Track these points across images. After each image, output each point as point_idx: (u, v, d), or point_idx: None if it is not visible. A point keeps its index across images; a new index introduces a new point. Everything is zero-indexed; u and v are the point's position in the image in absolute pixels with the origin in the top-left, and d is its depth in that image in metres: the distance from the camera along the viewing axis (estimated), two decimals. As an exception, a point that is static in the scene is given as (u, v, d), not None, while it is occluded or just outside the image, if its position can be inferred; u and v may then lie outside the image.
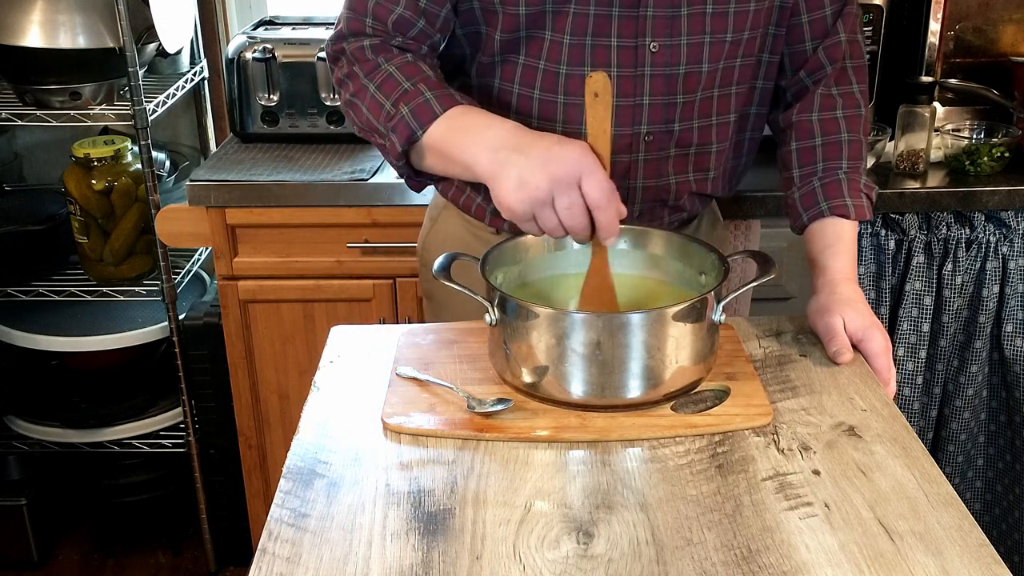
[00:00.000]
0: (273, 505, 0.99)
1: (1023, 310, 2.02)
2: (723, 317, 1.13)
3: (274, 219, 2.04)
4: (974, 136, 2.10)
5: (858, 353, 1.24)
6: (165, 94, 2.22)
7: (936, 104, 2.10)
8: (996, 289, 2.00)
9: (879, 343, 1.23)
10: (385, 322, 2.10)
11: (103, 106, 2.17)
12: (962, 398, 2.08)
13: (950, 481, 1.01)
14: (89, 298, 2.26)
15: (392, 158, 1.27)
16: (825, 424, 1.11)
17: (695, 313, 1.10)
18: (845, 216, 1.33)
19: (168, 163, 2.43)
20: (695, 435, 1.09)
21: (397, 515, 0.97)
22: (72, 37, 2.07)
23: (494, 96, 1.35)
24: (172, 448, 2.38)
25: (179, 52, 2.33)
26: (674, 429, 1.09)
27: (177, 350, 2.24)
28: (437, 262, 1.18)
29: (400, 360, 1.22)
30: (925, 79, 2.09)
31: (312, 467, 1.05)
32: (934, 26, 2.14)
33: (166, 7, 2.14)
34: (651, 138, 1.34)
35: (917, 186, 2.02)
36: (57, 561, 2.52)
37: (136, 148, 2.20)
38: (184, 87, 2.34)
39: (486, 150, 1.15)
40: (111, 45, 2.08)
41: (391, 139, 1.24)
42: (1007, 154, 2.05)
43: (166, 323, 2.25)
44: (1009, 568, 0.89)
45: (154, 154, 2.16)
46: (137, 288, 2.25)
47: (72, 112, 2.14)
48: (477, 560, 0.91)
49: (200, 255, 2.41)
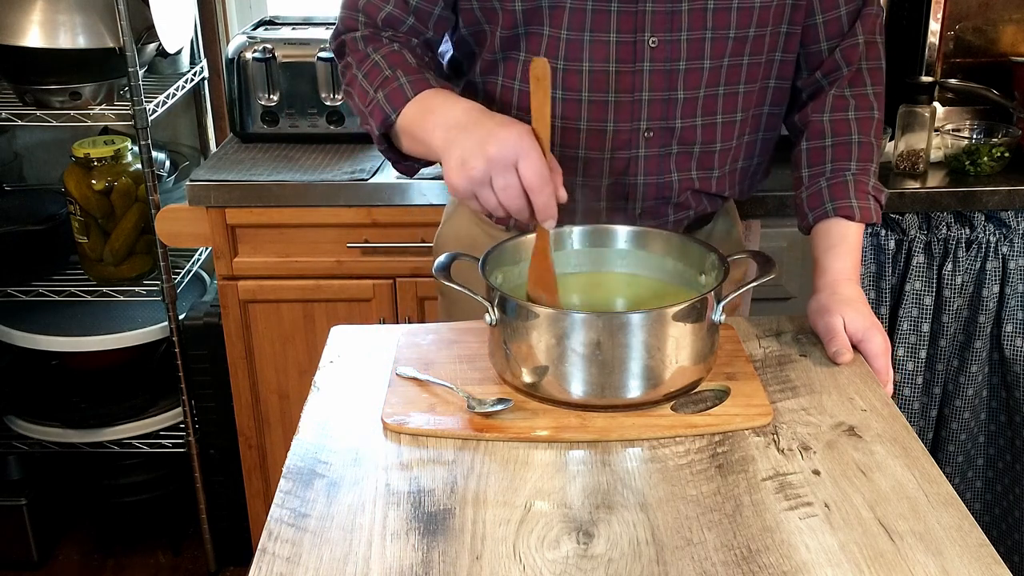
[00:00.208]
0: (273, 505, 0.99)
1: (1023, 310, 2.02)
2: (723, 317, 1.13)
3: (274, 219, 2.04)
4: (974, 136, 2.10)
5: (858, 353, 1.24)
6: (165, 94, 2.22)
7: (936, 104, 2.09)
8: (996, 289, 2.00)
9: (879, 344, 1.23)
10: (385, 322, 2.10)
11: (103, 106, 2.17)
12: (962, 398, 2.08)
13: (950, 481, 1.01)
14: (89, 298, 2.26)
15: (375, 143, 1.31)
16: (825, 424, 1.11)
17: (695, 313, 1.10)
18: (850, 218, 1.32)
19: (168, 163, 2.43)
20: (695, 435, 1.09)
21: (397, 515, 0.97)
22: (72, 37, 2.07)
23: (498, 93, 1.35)
24: (172, 448, 2.38)
25: (179, 52, 2.33)
26: (674, 429, 1.09)
27: (177, 350, 2.24)
28: (437, 262, 1.18)
29: (400, 360, 1.22)
30: (925, 79, 2.09)
31: (312, 467, 1.05)
32: (934, 26, 2.13)
33: (166, 7, 2.14)
34: (651, 134, 1.33)
35: (917, 186, 2.02)
36: (57, 561, 2.52)
37: (136, 148, 2.20)
38: (184, 87, 2.34)
39: (441, 129, 1.18)
40: (111, 45, 2.08)
41: (370, 123, 1.28)
42: (1007, 154, 2.05)
43: (166, 323, 2.25)
44: (1009, 568, 0.89)
45: (154, 154, 2.15)
46: (137, 288, 2.25)
47: (72, 112, 2.14)
48: (477, 560, 0.91)
49: (200, 255, 2.41)
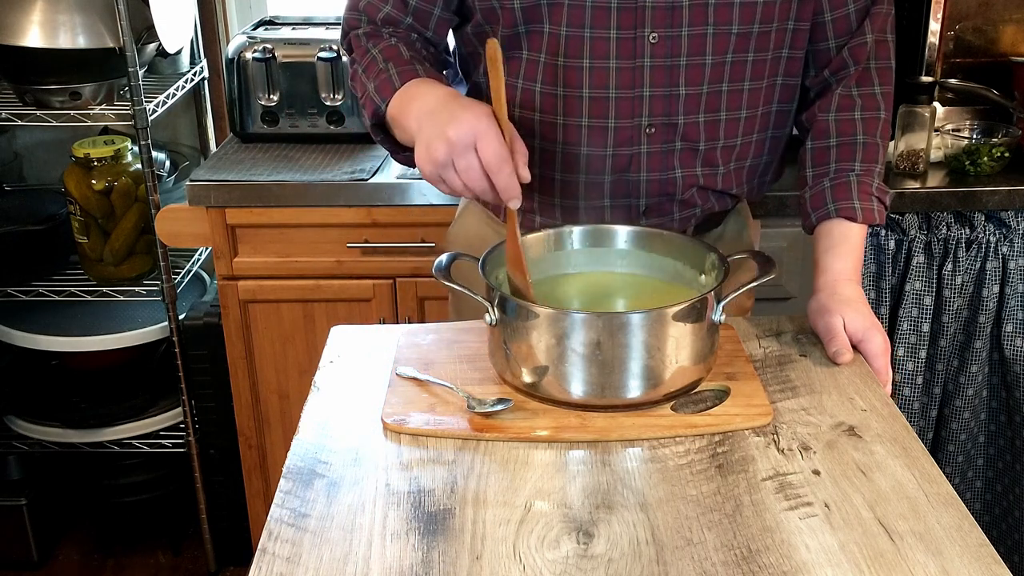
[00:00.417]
0: (273, 505, 0.99)
1: (1023, 310, 2.02)
2: (723, 317, 1.13)
3: (274, 219, 2.04)
4: (974, 136, 2.10)
5: (858, 353, 1.24)
6: (165, 94, 2.22)
7: (936, 104, 2.09)
8: (996, 289, 2.00)
9: (878, 344, 1.23)
10: (385, 322, 2.10)
11: (103, 106, 2.17)
12: (962, 398, 2.08)
13: (950, 481, 1.01)
14: (89, 298, 2.26)
15: (372, 135, 1.34)
16: (825, 424, 1.11)
17: (695, 313, 1.10)
18: (852, 219, 1.32)
19: (168, 163, 2.43)
20: (695, 435, 1.09)
21: (397, 515, 0.97)
22: (72, 37, 2.07)
23: None
24: (172, 448, 2.38)
25: (179, 52, 2.33)
26: (674, 429, 1.09)
27: (177, 350, 2.24)
28: (437, 261, 1.18)
29: (400, 360, 1.22)
30: (925, 79, 2.09)
31: (312, 467, 1.05)
32: (934, 26, 2.13)
33: (166, 7, 2.14)
34: (653, 131, 1.33)
35: (917, 186, 2.02)
36: (57, 561, 2.52)
37: (136, 148, 2.20)
38: (184, 87, 2.34)
39: (416, 116, 1.21)
40: (111, 45, 2.08)
41: (364, 115, 1.32)
42: (1007, 154, 2.05)
43: (166, 323, 2.25)
44: (1009, 568, 0.89)
45: (154, 154, 2.16)
46: (137, 288, 2.25)
47: (72, 112, 2.14)
48: (477, 560, 0.91)
49: (200, 255, 2.41)
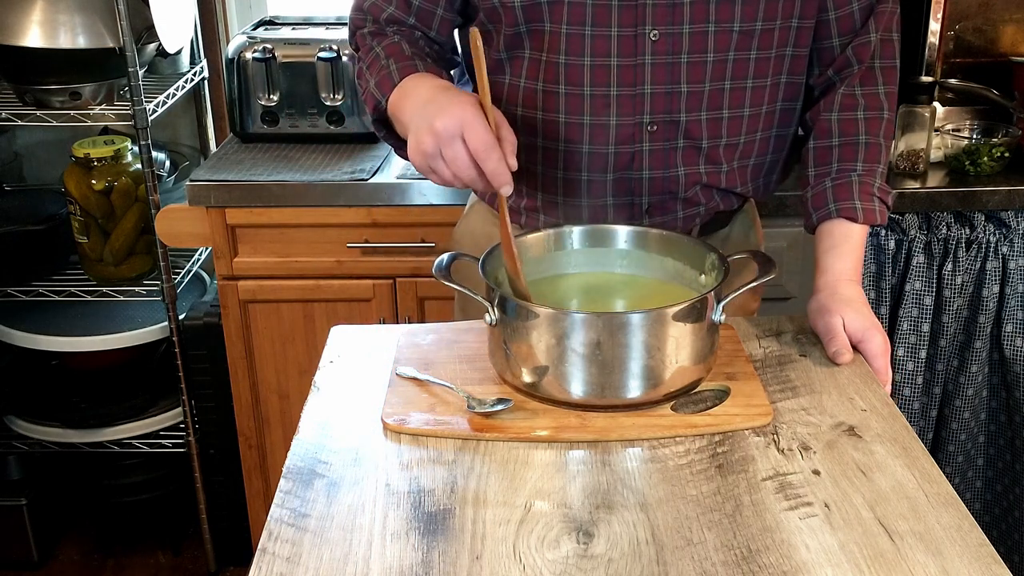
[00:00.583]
0: (273, 505, 0.99)
1: (1023, 310, 2.02)
2: (723, 317, 1.13)
3: (274, 219, 2.05)
4: (974, 136, 2.10)
5: (858, 353, 1.24)
6: (165, 94, 2.21)
7: (936, 104, 2.10)
8: (996, 289, 2.00)
9: (878, 344, 1.23)
10: (385, 322, 2.10)
11: (103, 106, 2.17)
12: (962, 398, 2.08)
13: (950, 481, 1.01)
14: (89, 298, 2.26)
15: (375, 130, 1.36)
16: (825, 424, 1.11)
17: (695, 313, 1.10)
18: (853, 219, 1.32)
19: (168, 163, 2.43)
20: (695, 435, 1.09)
21: (397, 515, 0.97)
22: (72, 37, 2.07)
23: (504, 93, 1.36)
24: (172, 448, 2.38)
25: (179, 52, 2.33)
26: (674, 429, 1.09)
27: (177, 350, 2.24)
28: (437, 261, 1.18)
29: (400, 360, 1.22)
30: (925, 79, 2.09)
31: (312, 467, 1.05)
32: (934, 26, 2.13)
33: (166, 7, 2.14)
34: (655, 128, 1.33)
35: (917, 186, 2.02)
36: (57, 561, 2.52)
37: (136, 148, 2.20)
38: (184, 87, 2.34)
39: (409, 109, 1.22)
40: (111, 45, 2.08)
41: (366, 111, 1.34)
42: (1007, 154, 2.05)
43: (166, 323, 2.25)
44: (1009, 568, 0.89)
45: (154, 154, 2.15)
46: (137, 288, 2.25)
47: (72, 112, 2.14)
48: (477, 560, 0.91)
49: (200, 255, 2.41)
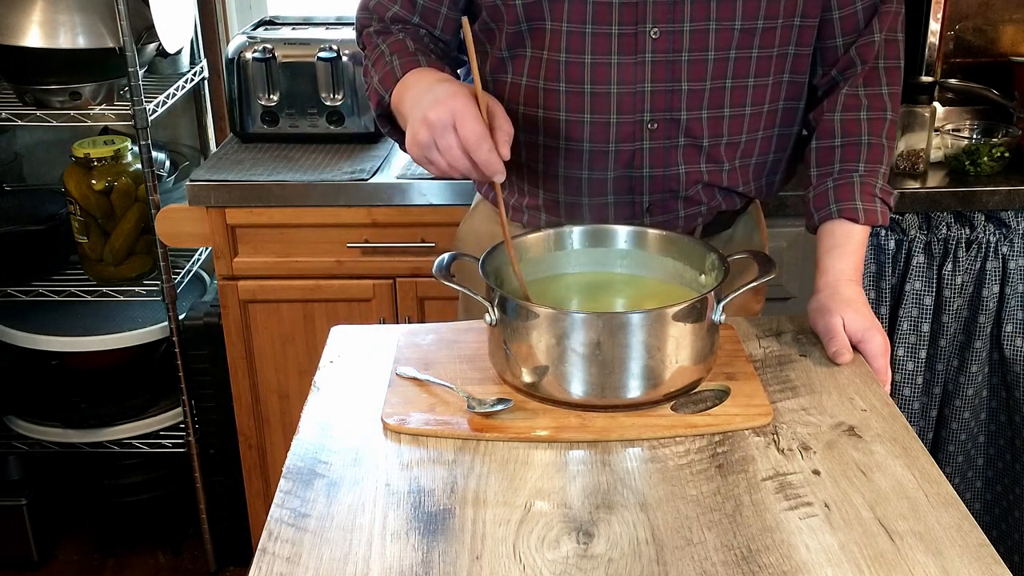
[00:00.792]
0: (273, 505, 0.99)
1: (1023, 310, 2.02)
2: (723, 317, 1.13)
3: (274, 219, 2.04)
4: (974, 136, 2.10)
5: (858, 353, 1.24)
6: (165, 94, 2.21)
7: (936, 104, 2.10)
8: (996, 289, 2.00)
9: (878, 344, 1.23)
10: (385, 322, 2.10)
11: (103, 106, 2.17)
12: (962, 398, 2.08)
13: (950, 481, 1.01)
14: (89, 298, 2.26)
15: (380, 126, 1.37)
16: (825, 424, 1.11)
17: (695, 313, 1.10)
18: (854, 220, 1.32)
19: (168, 163, 2.43)
20: (695, 435, 1.09)
21: (397, 515, 0.97)
22: (72, 37, 2.07)
23: (506, 91, 1.36)
24: (172, 448, 2.38)
25: (179, 52, 2.33)
26: (674, 429, 1.09)
27: (177, 350, 2.24)
28: (437, 261, 1.18)
29: (400, 360, 1.22)
30: (925, 79, 2.10)
31: (312, 467, 1.05)
32: (934, 26, 2.14)
33: (166, 7, 2.14)
34: (655, 126, 1.33)
35: (917, 186, 2.02)
36: (57, 561, 2.52)
37: (136, 148, 2.20)
38: (184, 87, 2.34)
39: (408, 103, 1.23)
40: (111, 45, 2.08)
41: (371, 106, 1.36)
42: (1007, 154, 2.05)
43: (166, 323, 2.25)
44: (1009, 568, 0.89)
45: (154, 154, 2.15)
46: (137, 288, 2.25)
47: (72, 112, 2.14)
48: (477, 560, 0.91)
49: (200, 255, 2.41)
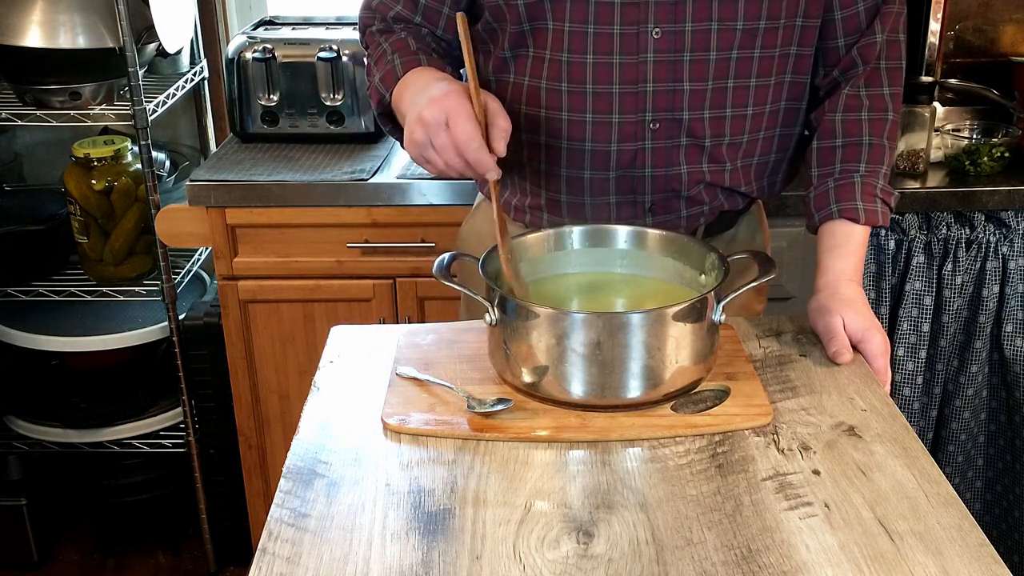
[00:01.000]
0: (273, 505, 0.99)
1: (1023, 310, 2.02)
2: (723, 317, 1.13)
3: (274, 219, 2.04)
4: (974, 136, 2.10)
5: (858, 353, 1.24)
6: (165, 94, 2.21)
7: (936, 104, 2.10)
8: (996, 289, 2.00)
9: (878, 344, 1.23)
10: (385, 322, 2.10)
11: (103, 106, 2.17)
12: (962, 398, 2.08)
13: (950, 481, 1.01)
14: (89, 298, 2.26)
15: (382, 124, 1.38)
16: (825, 424, 1.11)
17: (695, 313, 1.10)
18: (854, 220, 1.32)
19: (168, 163, 2.43)
20: (695, 435, 1.09)
21: (397, 515, 0.97)
22: (72, 37, 2.07)
23: (509, 91, 1.36)
24: (172, 448, 2.38)
25: (179, 52, 2.33)
26: (674, 429, 1.09)
27: (177, 350, 2.24)
28: (436, 261, 1.18)
29: (400, 360, 1.22)
30: (925, 79, 2.10)
31: (312, 467, 1.05)
32: (934, 26, 2.14)
33: (166, 7, 2.14)
34: (657, 126, 1.33)
35: (917, 186, 2.02)
36: (57, 561, 2.52)
37: (136, 148, 2.20)
38: (184, 87, 2.34)
39: (407, 102, 1.24)
40: (111, 45, 2.08)
41: (372, 105, 1.37)
42: (1007, 154, 2.05)
43: (166, 323, 2.25)
44: (1009, 568, 0.89)
45: (154, 154, 2.15)
46: (137, 288, 2.25)
47: (72, 112, 2.14)
48: (477, 560, 0.91)
49: (200, 255, 2.41)
